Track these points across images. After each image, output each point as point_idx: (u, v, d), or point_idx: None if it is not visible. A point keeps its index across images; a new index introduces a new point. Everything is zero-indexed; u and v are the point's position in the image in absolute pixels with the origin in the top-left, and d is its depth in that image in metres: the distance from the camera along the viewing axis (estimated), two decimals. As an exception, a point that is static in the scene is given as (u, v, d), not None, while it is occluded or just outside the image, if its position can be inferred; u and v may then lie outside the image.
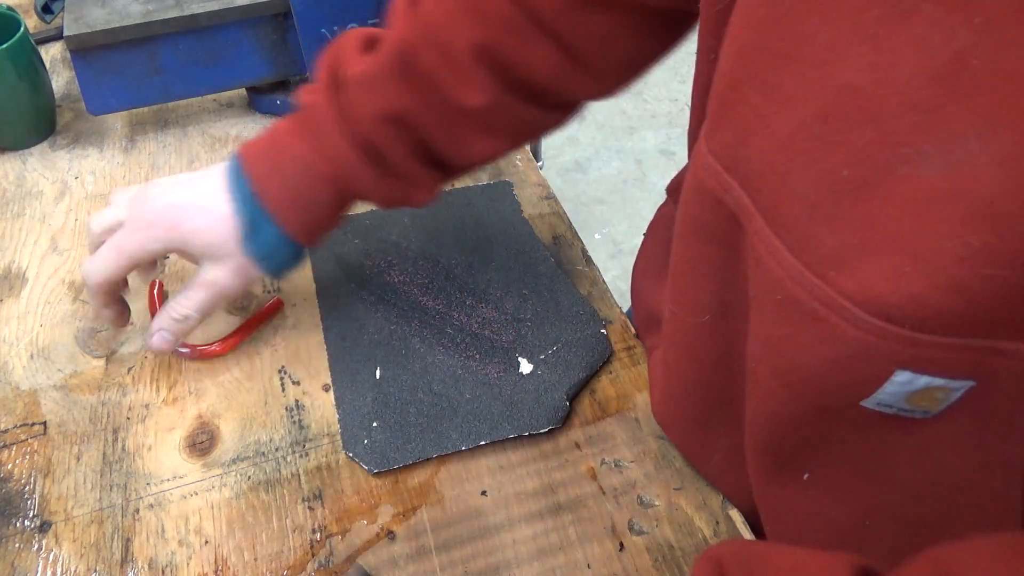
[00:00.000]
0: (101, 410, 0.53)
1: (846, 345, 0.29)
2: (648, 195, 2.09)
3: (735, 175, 0.33)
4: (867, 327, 0.28)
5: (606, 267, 1.88)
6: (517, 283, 0.60)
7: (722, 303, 0.39)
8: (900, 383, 0.29)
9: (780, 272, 0.31)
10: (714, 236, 0.37)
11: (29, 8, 0.88)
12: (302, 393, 0.54)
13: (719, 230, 0.36)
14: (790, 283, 0.31)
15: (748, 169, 0.33)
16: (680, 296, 0.43)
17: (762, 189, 0.32)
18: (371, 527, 0.47)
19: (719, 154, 0.34)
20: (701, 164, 0.36)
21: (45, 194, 0.68)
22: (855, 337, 0.29)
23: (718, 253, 0.38)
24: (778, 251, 0.31)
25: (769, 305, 0.33)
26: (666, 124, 2.32)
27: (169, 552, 0.46)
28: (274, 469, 0.50)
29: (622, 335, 0.58)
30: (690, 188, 0.38)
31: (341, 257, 0.62)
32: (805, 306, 0.30)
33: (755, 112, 0.31)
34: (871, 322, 0.28)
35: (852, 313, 0.28)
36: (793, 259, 0.30)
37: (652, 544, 0.47)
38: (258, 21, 0.69)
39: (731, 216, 0.35)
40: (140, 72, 0.69)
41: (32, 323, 0.58)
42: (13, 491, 0.48)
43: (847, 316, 0.29)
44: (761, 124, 0.31)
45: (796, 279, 0.30)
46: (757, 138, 0.32)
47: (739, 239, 0.35)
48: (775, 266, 0.31)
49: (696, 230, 0.39)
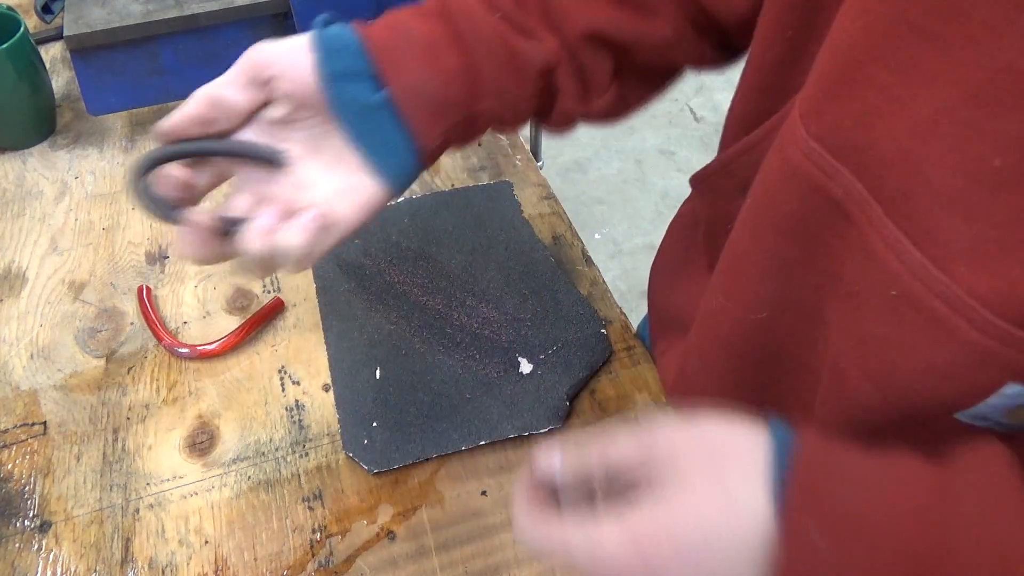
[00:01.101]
0: (101, 410, 0.53)
1: (962, 349, 0.27)
2: (648, 195, 2.09)
3: (847, 161, 0.31)
4: (990, 330, 0.26)
5: (606, 267, 1.88)
6: (517, 283, 0.60)
7: (785, 300, 0.37)
8: (1009, 396, 0.27)
9: (898, 266, 0.29)
10: (795, 229, 0.35)
11: (29, 8, 0.88)
12: (302, 393, 0.54)
13: (805, 221, 0.34)
14: (909, 278, 0.28)
15: (869, 155, 0.30)
16: (735, 290, 0.40)
17: (886, 176, 0.29)
18: (371, 527, 0.47)
19: (826, 137, 0.31)
20: (799, 151, 0.32)
21: (45, 194, 0.68)
22: (974, 341, 0.27)
23: (793, 248, 0.35)
24: (899, 243, 0.29)
25: (875, 302, 0.31)
26: (666, 124, 2.32)
27: (169, 552, 0.46)
28: (274, 469, 0.50)
29: (622, 335, 0.58)
30: (774, 176, 0.35)
31: (341, 257, 0.62)
32: (923, 303, 0.28)
33: (884, 93, 0.29)
34: (996, 324, 0.26)
35: (978, 314, 0.26)
36: (917, 252, 0.28)
37: (652, 544, 0.47)
38: (258, 21, 0.69)
39: (830, 206, 0.32)
40: (140, 72, 0.69)
41: (32, 323, 0.58)
42: (13, 491, 0.48)
43: (971, 316, 0.27)
44: (892, 106, 0.29)
45: (917, 274, 0.28)
46: (885, 121, 0.29)
47: (828, 232, 0.33)
48: (893, 259, 0.29)
49: (772, 221, 0.36)
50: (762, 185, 0.36)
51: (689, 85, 2.45)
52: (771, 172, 0.35)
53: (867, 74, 0.29)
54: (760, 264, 0.37)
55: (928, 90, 0.27)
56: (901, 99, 0.28)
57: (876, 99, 0.29)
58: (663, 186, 2.11)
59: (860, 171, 0.30)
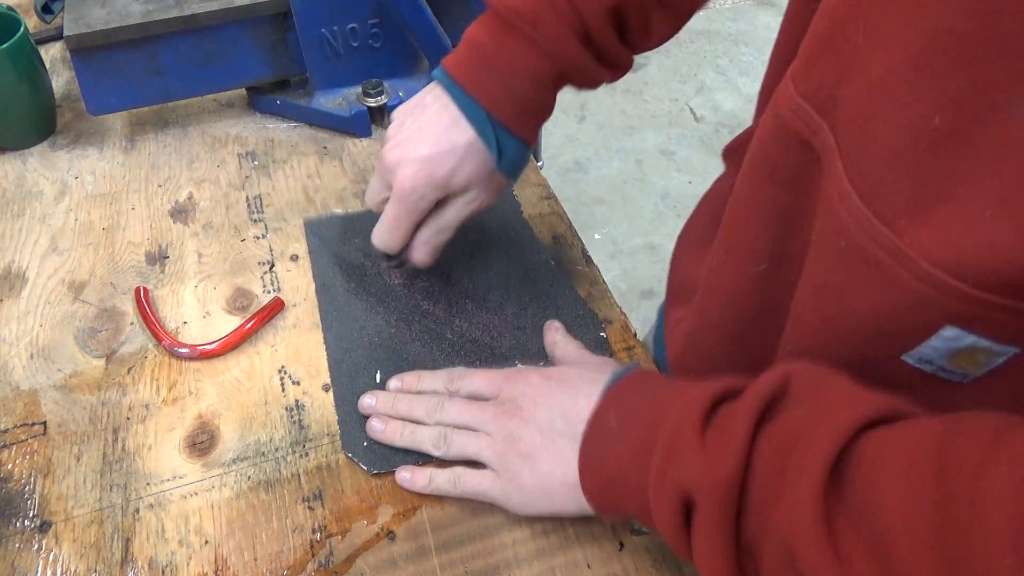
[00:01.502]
0: (101, 410, 0.53)
1: (903, 295, 0.29)
2: (648, 195, 2.09)
3: (825, 116, 0.33)
4: (927, 278, 0.28)
5: (606, 267, 1.88)
6: (517, 288, 0.60)
7: (781, 252, 0.39)
8: (946, 338, 0.29)
9: (847, 219, 0.31)
10: (787, 179, 0.37)
11: (29, 8, 0.88)
12: (302, 393, 0.54)
13: (795, 173, 0.36)
14: (855, 230, 0.31)
15: (839, 111, 0.32)
16: (736, 244, 0.43)
17: (847, 132, 0.31)
18: (371, 527, 0.47)
19: (810, 95, 0.34)
20: (787, 105, 0.35)
21: (45, 194, 0.68)
22: (913, 288, 0.29)
23: (787, 198, 0.37)
24: (849, 197, 0.31)
25: (830, 251, 0.33)
26: (666, 124, 2.32)
27: (169, 552, 0.46)
28: (274, 469, 0.50)
29: (622, 335, 0.58)
30: (768, 131, 0.37)
31: (341, 257, 0.62)
32: (868, 253, 0.30)
33: (855, 52, 0.31)
34: (933, 274, 0.28)
35: (916, 264, 0.28)
36: (864, 207, 0.30)
37: (652, 544, 0.47)
38: (258, 21, 0.69)
39: (814, 158, 0.34)
40: (140, 72, 0.69)
41: (32, 323, 0.58)
42: (13, 491, 0.48)
43: (909, 266, 0.29)
44: (859, 65, 0.30)
45: (863, 227, 0.30)
46: (852, 79, 0.31)
47: (815, 182, 0.35)
48: (844, 212, 0.31)
49: (769, 173, 0.38)
50: (758, 140, 0.38)
51: (689, 85, 2.45)
52: (766, 128, 0.38)
53: (845, 34, 0.31)
54: (758, 216, 0.40)
55: (884, 50, 0.29)
56: (865, 58, 0.30)
57: (849, 58, 0.31)
58: (663, 186, 2.11)
59: (833, 125, 0.32)
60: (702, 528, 0.34)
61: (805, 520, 0.30)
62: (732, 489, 0.33)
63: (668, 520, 0.36)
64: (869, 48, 0.30)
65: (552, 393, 0.46)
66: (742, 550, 0.34)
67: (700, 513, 0.34)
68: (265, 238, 0.64)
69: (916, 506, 0.28)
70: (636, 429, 0.40)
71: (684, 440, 0.36)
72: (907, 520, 0.28)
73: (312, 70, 0.73)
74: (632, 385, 0.44)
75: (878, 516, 0.29)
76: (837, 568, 0.29)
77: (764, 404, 0.34)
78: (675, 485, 0.35)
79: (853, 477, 0.30)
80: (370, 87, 0.73)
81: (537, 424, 0.45)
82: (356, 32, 0.71)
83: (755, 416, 0.34)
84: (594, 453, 0.42)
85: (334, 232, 0.64)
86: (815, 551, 0.30)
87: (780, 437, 0.33)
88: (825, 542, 0.29)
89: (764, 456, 0.33)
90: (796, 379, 0.35)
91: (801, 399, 0.34)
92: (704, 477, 0.34)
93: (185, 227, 0.65)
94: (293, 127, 0.75)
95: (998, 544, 0.24)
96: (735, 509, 0.33)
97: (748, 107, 2.40)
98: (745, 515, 0.33)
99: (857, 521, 0.29)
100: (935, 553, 0.26)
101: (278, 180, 0.70)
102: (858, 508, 0.30)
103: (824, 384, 0.34)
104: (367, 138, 0.74)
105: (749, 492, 0.33)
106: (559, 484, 0.44)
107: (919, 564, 0.27)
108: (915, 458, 0.29)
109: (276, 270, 0.62)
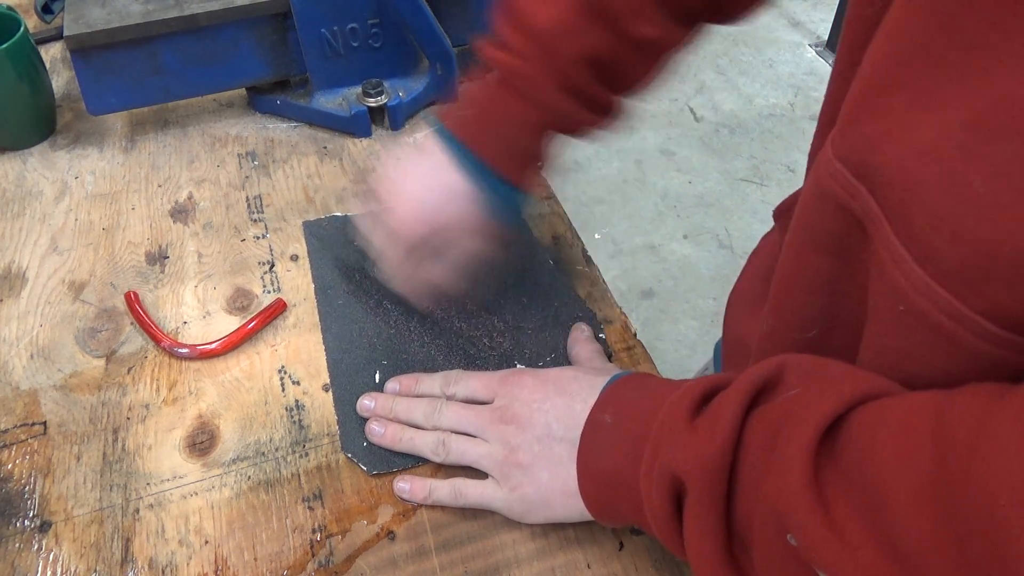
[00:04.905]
0: (101, 410, 0.53)
1: (973, 359, 0.28)
2: (648, 195, 2.09)
3: (864, 180, 0.32)
4: (999, 342, 0.27)
5: (606, 267, 1.88)
6: (516, 289, 0.60)
7: (831, 317, 0.38)
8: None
9: (904, 282, 0.30)
10: (831, 246, 0.36)
11: (29, 8, 0.88)
12: (302, 393, 0.54)
13: (838, 239, 0.35)
14: (914, 294, 0.29)
15: (880, 175, 0.31)
16: (785, 310, 0.42)
17: (892, 196, 0.31)
18: (371, 527, 0.47)
19: (848, 159, 0.33)
20: (826, 171, 0.34)
21: (45, 194, 0.68)
22: (985, 351, 0.28)
23: (833, 264, 0.37)
24: (904, 261, 0.30)
25: (889, 316, 0.32)
26: (666, 124, 2.32)
27: (169, 552, 0.46)
28: (274, 469, 0.50)
29: (622, 335, 0.58)
30: (809, 197, 0.37)
31: (341, 258, 0.62)
32: (929, 318, 0.29)
33: (896, 117, 0.30)
34: (1005, 337, 0.27)
35: (983, 328, 0.27)
36: (919, 270, 0.29)
37: (652, 544, 0.47)
38: (258, 21, 0.69)
39: (855, 223, 0.33)
40: (140, 72, 0.69)
41: (32, 323, 0.58)
42: (13, 491, 0.48)
43: (978, 331, 0.28)
44: (901, 129, 0.30)
45: (921, 291, 0.29)
46: (894, 144, 0.30)
47: (860, 248, 0.34)
48: (899, 276, 0.30)
49: (812, 240, 0.38)
50: (802, 206, 0.38)
51: (689, 85, 2.45)
52: (808, 193, 0.37)
53: (885, 100, 0.31)
54: (804, 283, 0.39)
55: (935, 115, 0.28)
56: (910, 123, 0.29)
57: (889, 123, 0.30)
58: (663, 186, 2.11)
59: (873, 190, 0.32)
60: (692, 509, 0.34)
61: (794, 483, 0.30)
62: (722, 467, 0.33)
63: (659, 508, 0.36)
64: (915, 112, 0.29)
65: (548, 397, 0.46)
66: (733, 537, 0.34)
67: (690, 496, 0.34)
68: (265, 238, 0.64)
69: (912, 459, 0.27)
70: (631, 424, 0.40)
71: (674, 426, 0.36)
72: (903, 473, 0.27)
73: (312, 70, 0.73)
74: (628, 384, 0.44)
75: (872, 472, 0.28)
76: (828, 529, 0.29)
77: (756, 389, 0.34)
78: (664, 469, 0.35)
79: (846, 439, 0.30)
80: (370, 87, 0.73)
81: (534, 431, 0.45)
82: (356, 32, 0.71)
83: (746, 399, 0.34)
84: (591, 453, 0.43)
85: (333, 233, 0.64)
86: (804, 512, 0.29)
87: (772, 414, 0.33)
88: (815, 502, 0.29)
89: (755, 432, 0.33)
90: (791, 366, 0.35)
91: (795, 384, 0.34)
92: (693, 458, 0.34)
93: (185, 227, 0.65)
94: (293, 127, 0.75)
95: (998, 484, 0.24)
96: (725, 488, 0.33)
97: (748, 107, 2.40)
98: (736, 495, 0.33)
99: (849, 480, 0.29)
100: (933, 502, 0.26)
101: (278, 180, 0.70)
102: (851, 467, 0.29)
103: (820, 368, 0.34)
104: (367, 138, 0.74)
105: (739, 470, 0.33)
106: (559, 493, 0.44)
107: (916, 516, 0.26)
108: (912, 418, 0.29)
109: (276, 270, 0.62)
